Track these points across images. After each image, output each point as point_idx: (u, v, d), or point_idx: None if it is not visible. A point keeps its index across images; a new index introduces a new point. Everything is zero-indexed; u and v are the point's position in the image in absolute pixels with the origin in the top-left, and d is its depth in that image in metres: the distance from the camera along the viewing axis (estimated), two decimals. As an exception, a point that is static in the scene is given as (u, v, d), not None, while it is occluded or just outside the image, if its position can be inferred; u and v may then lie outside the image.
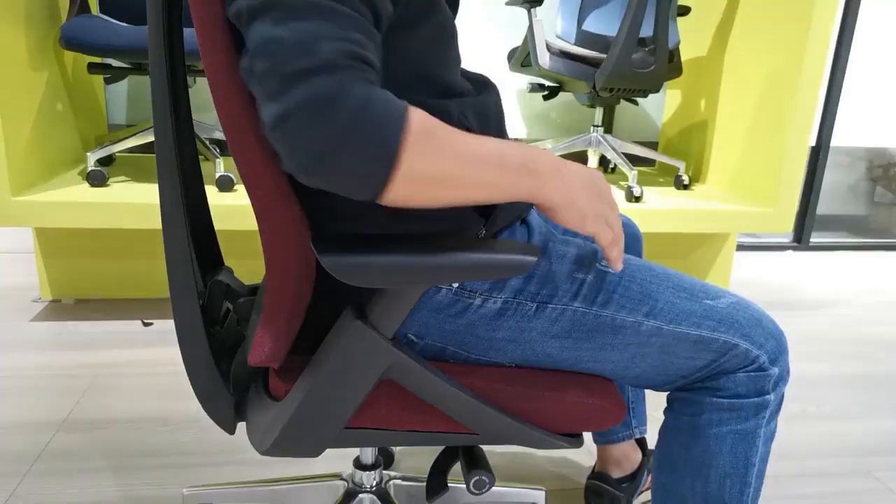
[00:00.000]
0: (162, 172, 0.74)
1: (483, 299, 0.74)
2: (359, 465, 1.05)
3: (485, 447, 1.42)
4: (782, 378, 0.79)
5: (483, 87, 0.80)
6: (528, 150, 0.64)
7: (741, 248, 3.15)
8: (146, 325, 1.97)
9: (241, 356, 0.87)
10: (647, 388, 0.82)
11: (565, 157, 2.73)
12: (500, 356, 0.78)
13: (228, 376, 0.86)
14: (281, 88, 0.54)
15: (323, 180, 0.56)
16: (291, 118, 0.54)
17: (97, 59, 2.00)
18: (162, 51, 0.71)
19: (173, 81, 0.74)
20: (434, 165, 0.58)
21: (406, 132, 0.56)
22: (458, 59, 0.76)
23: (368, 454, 1.05)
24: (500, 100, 0.83)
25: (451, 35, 0.74)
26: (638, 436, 1.18)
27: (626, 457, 1.19)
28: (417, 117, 0.58)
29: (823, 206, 3.33)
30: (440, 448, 0.93)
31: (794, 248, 3.20)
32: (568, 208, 0.66)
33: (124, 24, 1.88)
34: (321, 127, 0.54)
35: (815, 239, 3.23)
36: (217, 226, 1.75)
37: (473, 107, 0.75)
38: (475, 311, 0.75)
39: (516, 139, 2.71)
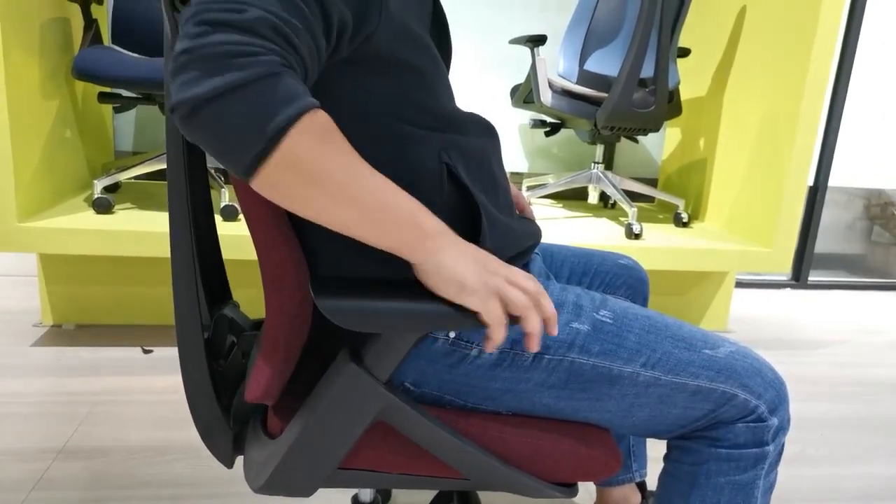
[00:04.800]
0: (173, 204, 0.75)
1: (479, 350, 0.74)
2: (357, 502, 1.05)
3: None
4: (782, 428, 0.79)
5: (477, 129, 0.79)
6: (422, 208, 0.62)
7: (739, 284, 3.16)
8: (146, 352, 1.97)
9: (243, 390, 0.88)
10: (645, 436, 0.82)
11: (566, 192, 2.76)
12: (497, 405, 0.78)
13: (230, 410, 0.87)
14: (196, 31, 0.55)
15: (196, 130, 0.55)
16: (191, 55, 0.54)
17: (107, 89, 2.03)
18: None
19: None
20: (319, 162, 0.57)
21: (302, 119, 0.56)
22: (445, 94, 0.75)
23: (367, 492, 1.05)
24: (496, 145, 0.82)
25: (436, 68, 0.73)
26: (638, 479, 1.17)
27: (626, 499, 1.19)
28: (322, 116, 0.58)
29: (821, 245, 3.35)
30: (438, 488, 0.94)
31: (793, 287, 3.22)
32: (443, 274, 0.62)
33: (135, 56, 1.92)
34: (213, 73, 0.53)
35: (813, 277, 3.25)
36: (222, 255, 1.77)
37: (459, 146, 0.75)
38: (472, 361, 0.75)
39: (516, 173, 2.73)
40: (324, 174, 0.57)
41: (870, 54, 2.96)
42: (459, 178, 0.73)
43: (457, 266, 0.62)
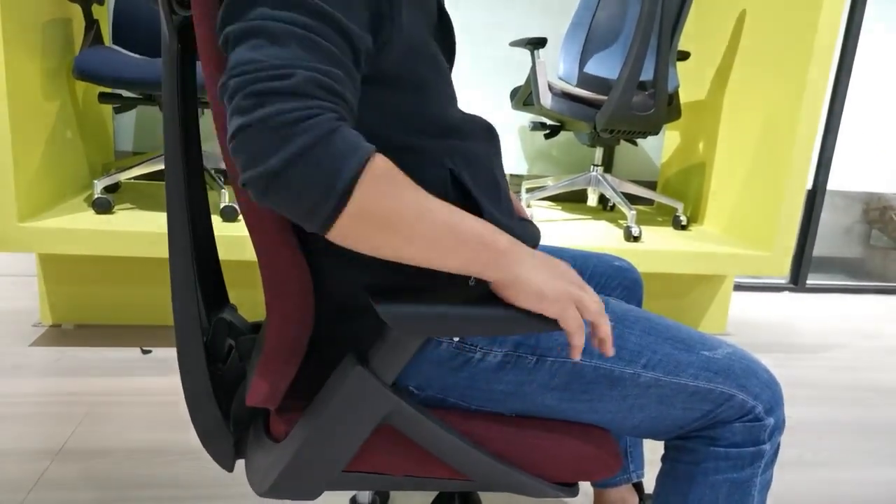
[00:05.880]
0: (171, 206, 0.75)
1: (483, 353, 0.75)
2: (355, 503, 1.06)
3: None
4: (778, 428, 0.80)
5: (479, 133, 0.80)
6: (487, 225, 0.64)
7: (738, 287, 3.17)
8: (145, 352, 1.97)
9: (243, 394, 0.88)
10: (645, 437, 0.83)
11: (566, 194, 2.76)
12: (500, 407, 0.78)
13: (229, 414, 0.87)
14: (249, 104, 0.56)
15: (272, 199, 0.57)
16: (252, 129, 0.55)
17: (108, 90, 2.03)
18: (174, 84, 0.73)
19: (185, 113, 0.76)
20: (388, 207, 0.58)
21: (365, 169, 0.57)
22: (448, 101, 0.77)
23: (365, 494, 1.05)
24: (496, 148, 0.83)
25: (440, 76, 0.75)
26: (635, 480, 1.18)
27: (623, 501, 1.19)
28: (381, 160, 0.59)
29: (819, 248, 3.35)
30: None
31: (791, 290, 3.22)
32: (522, 286, 0.63)
33: (136, 56, 1.92)
34: (279, 144, 0.55)
35: (812, 281, 3.26)
36: (221, 255, 1.77)
37: (463, 152, 0.76)
38: (476, 364, 0.75)
39: (516, 175, 2.74)
40: (394, 217, 0.59)
41: (869, 58, 2.96)
42: (464, 184, 0.74)
43: (533, 277, 0.63)
